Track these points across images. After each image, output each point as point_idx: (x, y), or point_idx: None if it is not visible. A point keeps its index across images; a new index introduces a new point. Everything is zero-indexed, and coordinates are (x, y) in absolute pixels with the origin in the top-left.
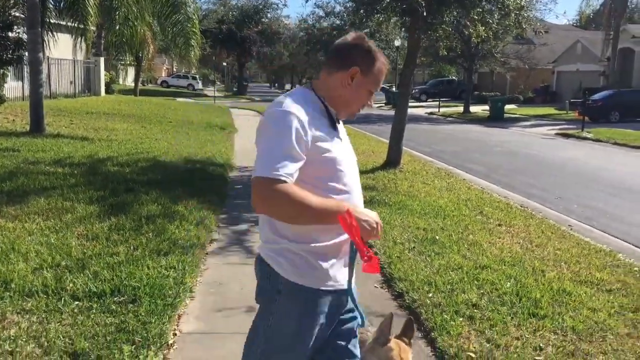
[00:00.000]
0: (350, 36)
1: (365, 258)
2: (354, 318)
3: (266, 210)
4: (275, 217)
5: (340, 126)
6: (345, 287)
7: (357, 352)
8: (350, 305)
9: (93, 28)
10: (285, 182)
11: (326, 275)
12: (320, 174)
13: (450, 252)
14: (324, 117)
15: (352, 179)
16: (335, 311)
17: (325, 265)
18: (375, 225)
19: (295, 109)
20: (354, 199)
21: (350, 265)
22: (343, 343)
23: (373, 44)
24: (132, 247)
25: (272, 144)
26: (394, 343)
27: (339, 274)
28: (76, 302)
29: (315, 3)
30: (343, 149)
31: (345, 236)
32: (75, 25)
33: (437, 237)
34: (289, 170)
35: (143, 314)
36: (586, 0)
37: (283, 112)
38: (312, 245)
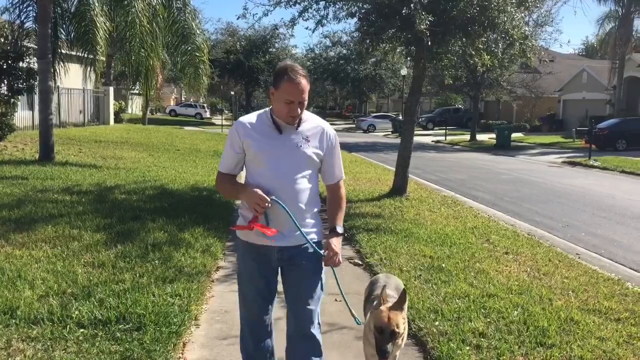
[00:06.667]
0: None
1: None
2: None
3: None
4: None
5: (296, 129)
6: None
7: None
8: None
9: (102, 58)
10: (220, 171)
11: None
12: (249, 159)
13: (457, 280)
14: (268, 125)
15: (273, 162)
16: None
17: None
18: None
19: (237, 124)
20: (271, 176)
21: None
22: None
23: (286, 67)
24: (137, 275)
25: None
26: (384, 307)
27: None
28: (81, 330)
29: (322, 33)
30: (276, 145)
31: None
32: (85, 55)
33: (444, 265)
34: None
35: (148, 341)
36: (597, 30)
37: (232, 128)
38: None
